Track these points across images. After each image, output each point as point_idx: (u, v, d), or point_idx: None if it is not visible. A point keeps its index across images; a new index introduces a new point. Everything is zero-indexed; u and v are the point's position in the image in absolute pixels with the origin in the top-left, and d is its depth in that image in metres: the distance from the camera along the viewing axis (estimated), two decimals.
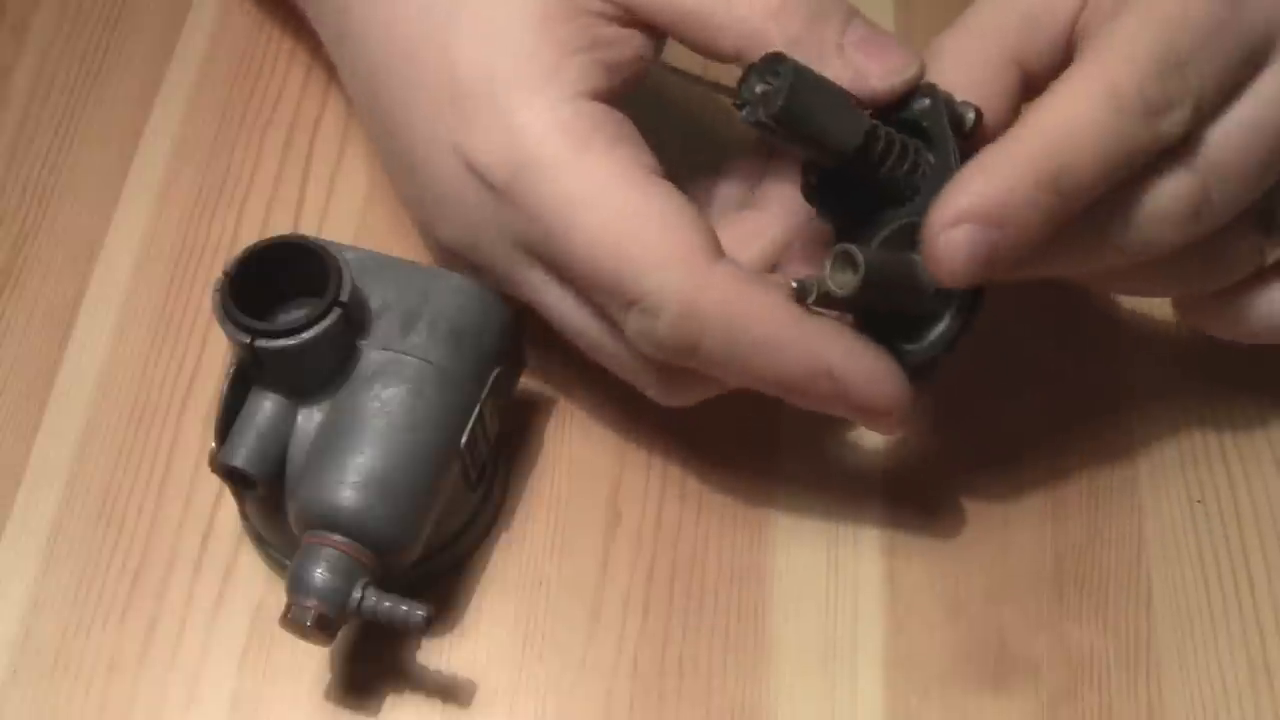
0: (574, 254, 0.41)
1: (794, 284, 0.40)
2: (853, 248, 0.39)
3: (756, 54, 0.40)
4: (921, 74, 0.42)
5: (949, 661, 0.44)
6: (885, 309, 0.42)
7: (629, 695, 0.44)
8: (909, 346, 0.42)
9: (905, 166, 0.41)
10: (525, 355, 0.46)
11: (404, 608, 0.41)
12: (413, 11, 0.44)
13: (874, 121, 0.41)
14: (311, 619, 0.40)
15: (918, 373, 0.42)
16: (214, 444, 0.43)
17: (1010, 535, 0.47)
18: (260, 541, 0.46)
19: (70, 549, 0.46)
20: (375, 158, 0.53)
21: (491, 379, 0.44)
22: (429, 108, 0.43)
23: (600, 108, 0.42)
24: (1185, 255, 0.42)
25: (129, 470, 0.48)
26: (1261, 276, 0.44)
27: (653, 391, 0.44)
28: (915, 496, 0.47)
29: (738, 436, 0.46)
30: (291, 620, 0.41)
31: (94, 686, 0.44)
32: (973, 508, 0.47)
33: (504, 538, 0.47)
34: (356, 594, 0.41)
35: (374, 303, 0.44)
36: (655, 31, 0.44)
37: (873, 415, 0.42)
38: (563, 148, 0.41)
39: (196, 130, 0.55)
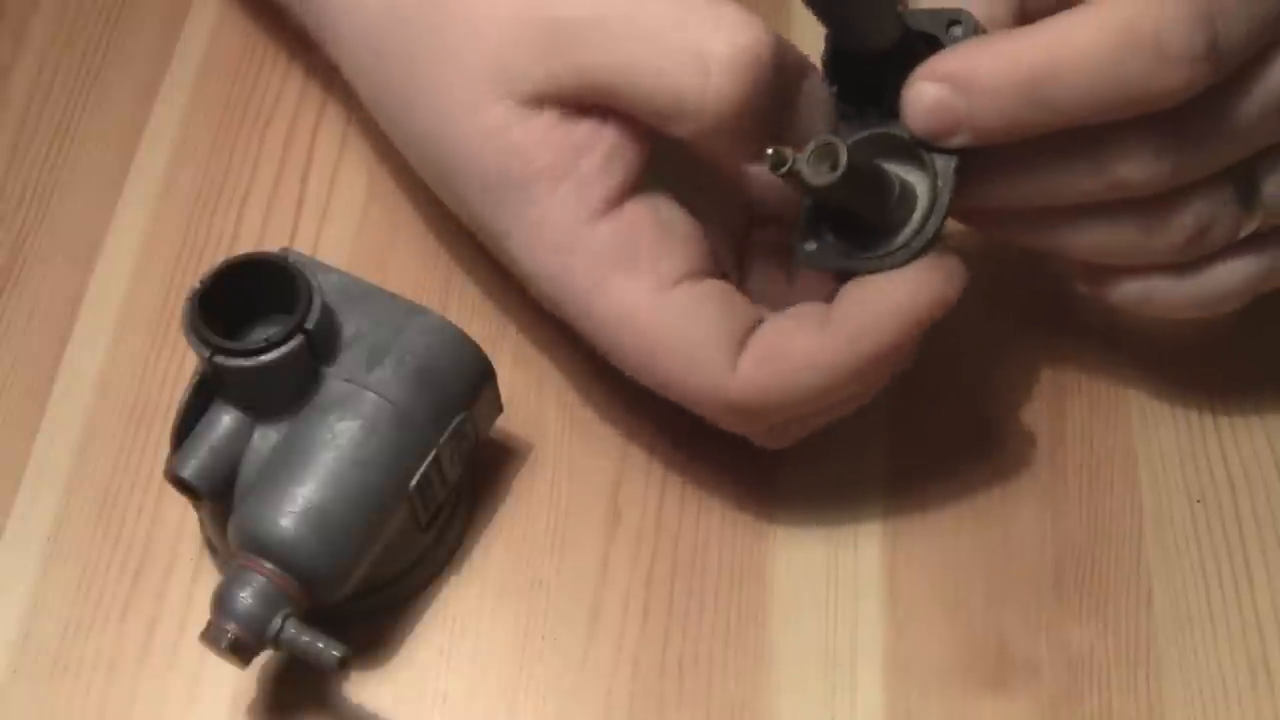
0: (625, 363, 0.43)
1: (769, 152, 0.39)
2: (838, 142, 0.38)
3: None
4: None
5: (949, 662, 0.44)
6: (843, 208, 0.41)
7: (629, 695, 0.44)
8: (860, 254, 0.42)
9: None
10: (500, 403, 0.45)
11: (320, 645, 0.40)
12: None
13: (906, 27, 0.41)
14: (227, 642, 0.40)
15: (845, 277, 0.42)
16: (170, 449, 0.43)
17: (1010, 536, 0.47)
18: (210, 549, 0.46)
19: (70, 549, 0.46)
20: (376, 157, 0.54)
21: (453, 425, 0.43)
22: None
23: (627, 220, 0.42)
24: (1166, 221, 0.41)
25: (129, 470, 0.48)
26: (1222, 252, 0.43)
27: (760, 441, 0.45)
28: (915, 497, 0.47)
29: (738, 436, 0.46)
30: (209, 638, 0.40)
31: (94, 686, 0.44)
32: (973, 508, 0.47)
33: (504, 538, 0.47)
34: (276, 624, 0.40)
35: (347, 331, 0.43)
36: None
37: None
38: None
39: (196, 130, 0.55)
